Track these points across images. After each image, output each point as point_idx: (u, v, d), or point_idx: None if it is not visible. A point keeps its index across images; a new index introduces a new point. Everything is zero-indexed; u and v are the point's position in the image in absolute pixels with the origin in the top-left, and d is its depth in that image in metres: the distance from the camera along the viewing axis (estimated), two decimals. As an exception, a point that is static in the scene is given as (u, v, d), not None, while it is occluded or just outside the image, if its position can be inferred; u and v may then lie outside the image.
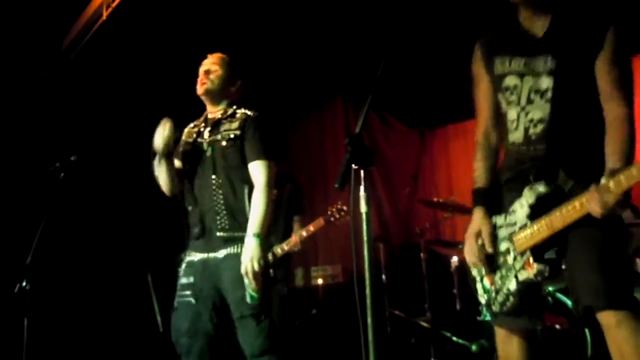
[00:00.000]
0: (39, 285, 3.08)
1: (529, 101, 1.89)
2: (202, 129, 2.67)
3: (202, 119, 2.73)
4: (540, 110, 1.87)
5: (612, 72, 1.80)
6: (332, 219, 3.66)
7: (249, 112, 2.64)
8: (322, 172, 6.16)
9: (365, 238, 1.49)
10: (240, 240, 2.45)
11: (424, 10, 4.08)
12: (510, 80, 1.94)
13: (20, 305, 2.99)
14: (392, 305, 4.38)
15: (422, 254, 4.33)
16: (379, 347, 1.48)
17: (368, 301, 1.49)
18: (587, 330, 3.09)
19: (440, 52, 4.82)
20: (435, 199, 4.61)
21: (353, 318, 1.55)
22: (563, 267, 1.93)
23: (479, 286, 2.10)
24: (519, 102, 1.92)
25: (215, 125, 2.63)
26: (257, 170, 2.51)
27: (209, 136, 2.61)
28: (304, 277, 5.98)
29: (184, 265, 2.57)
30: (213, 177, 2.54)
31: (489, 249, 1.98)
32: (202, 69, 2.66)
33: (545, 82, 1.86)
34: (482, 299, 2.08)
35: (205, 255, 2.52)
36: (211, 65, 2.65)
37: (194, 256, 2.55)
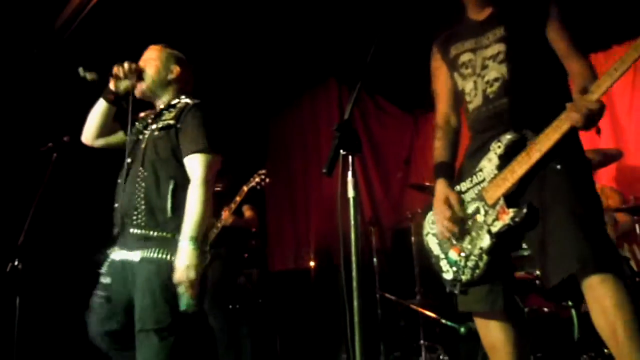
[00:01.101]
0: (31, 265, 3.11)
1: (484, 67, 2.03)
2: (149, 121, 2.48)
3: (152, 110, 2.55)
4: (495, 71, 1.99)
5: (565, 35, 1.97)
6: (256, 185, 3.97)
7: (188, 101, 2.42)
8: (317, 154, 6.17)
9: (352, 223, 1.51)
10: (156, 241, 2.22)
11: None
12: (465, 57, 2.10)
13: (12, 284, 3.02)
14: (383, 287, 4.43)
15: (412, 238, 4.37)
16: (365, 331, 1.51)
17: (354, 284, 1.51)
18: (574, 313, 3.15)
19: (434, 35, 4.82)
20: (426, 183, 4.63)
21: (344, 300, 1.58)
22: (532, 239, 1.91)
23: (442, 263, 2.08)
24: (474, 72, 2.05)
25: (158, 116, 2.44)
26: (194, 164, 2.25)
27: (151, 128, 2.43)
28: (295, 259, 6.04)
29: (106, 263, 2.36)
30: (140, 169, 2.32)
31: (459, 212, 1.99)
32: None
33: (497, 48, 2.01)
34: (448, 274, 2.06)
35: (125, 255, 2.30)
36: (141, 63, 2.50)
37: (116, 255, 2.33)
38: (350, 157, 1.53)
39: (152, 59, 2.50)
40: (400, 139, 6.10)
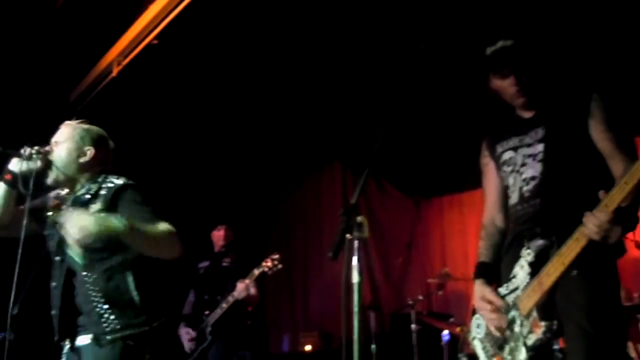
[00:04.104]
0: (23, 337, 3.01)
1: (523, 164, 2.04)
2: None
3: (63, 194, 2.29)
4: (532, 169, 2.00)
5: (609, 136, 1.92)
6: (267, 270, 3.86)
7: (110, 185, 2.19)
8: (318, 236, 6.16)
9: (355, 309, 1.49)
10: (130, 334, 2.06)
11: (424, 82, 4.21)
12: (507, 155, 2.11)
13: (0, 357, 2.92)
14: (381, 376, 4.29)
15: (413, 325, 4.28)
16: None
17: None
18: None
19: (440, 124, 4.95)
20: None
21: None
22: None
23: None
24: (514, 169, 2.07)
25: (82, 206, 2.14)
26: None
27: None
28: (292, 342, 5.88)
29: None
30: (84, 273, 2.11)
31: (499, 302, 1.97)
32: None
33: (537, 148, 2.01)
34: None
35: (77, 341, 2.12)
36: (52, 145, 2.25)
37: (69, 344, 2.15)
38: (356, 242, 1.53)
39: (63, 141, 2.24)
40: (402, 222, 6.12)
